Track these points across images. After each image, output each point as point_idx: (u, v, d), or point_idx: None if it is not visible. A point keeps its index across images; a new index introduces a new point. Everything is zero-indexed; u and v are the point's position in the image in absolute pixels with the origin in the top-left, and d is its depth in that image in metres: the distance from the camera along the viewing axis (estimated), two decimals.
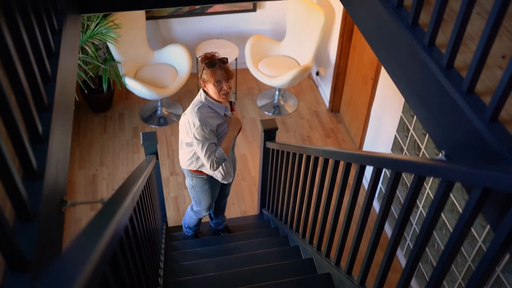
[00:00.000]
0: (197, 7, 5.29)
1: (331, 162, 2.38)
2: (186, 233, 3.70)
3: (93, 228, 0.90)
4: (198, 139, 2.66)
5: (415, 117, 3.31)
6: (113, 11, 4.00)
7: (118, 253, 1.07)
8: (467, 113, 1.34)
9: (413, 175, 1.58)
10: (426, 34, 1.55)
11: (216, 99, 2.68)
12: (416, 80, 1.64)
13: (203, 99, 2.69)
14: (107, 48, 4.91)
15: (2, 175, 0.94)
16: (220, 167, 2.92)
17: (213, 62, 2.58)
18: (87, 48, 4.57)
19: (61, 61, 1.57)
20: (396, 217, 3.83)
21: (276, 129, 3.46)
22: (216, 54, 2.64)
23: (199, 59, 2.63)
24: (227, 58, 2.64)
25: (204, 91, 2.70)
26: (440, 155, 1.52)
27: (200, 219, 3.54)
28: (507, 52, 1.50)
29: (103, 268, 0.84)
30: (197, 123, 2.63)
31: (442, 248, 3.15)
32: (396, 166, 1.71)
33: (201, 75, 2.65)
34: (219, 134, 2.76)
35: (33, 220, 1.06)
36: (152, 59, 5.26)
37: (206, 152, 2.67)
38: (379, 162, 1.86)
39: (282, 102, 5.57)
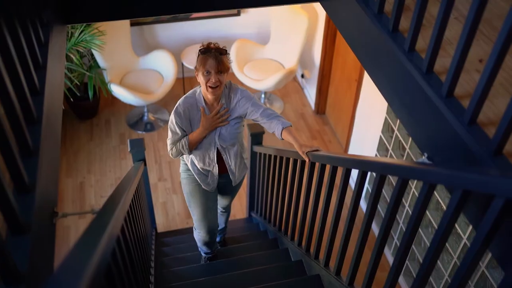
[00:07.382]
0: None
1: (317, 165, 2.41)
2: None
3: (86, 241, 0.92)
4: (169, 125, 2.55)
5: None
6: (98, 21, 3.99)
7: (112, 265, 1.09)
8: (447, 116, 1.38)
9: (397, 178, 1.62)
10: (406, 40, 1.60)
11: (203, 93, 2.45)
12: (397, 85, 1.68)
13: (197, 92, 2.51)
14: (92, 55, 4.90)
15: None
16: (192, 166, 2.69)
17: (208, 49, 2.34)
18: (71, 55, 4.56)
19: (49, 73, 1.57)
20: (383, 216, 3.88)
21: (263, 133, 3.49)
22: (217, 44, 2.39)
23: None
24: (226, 50, 2.38)
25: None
26: (423, 157, 1.56)
27: (207, 242, 3.03)
28: (484, 56, 1.55)
29: (99, 280, 0.85)
30: (173, 111, 2.49)
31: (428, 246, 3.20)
32: (381, 169, 1.75)
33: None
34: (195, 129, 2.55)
35: (25, 232, 1.07)
36: (138, 65, 5.25)
37: (169, 140, 2.57)
38: (364, 165, 1.90)
39: (268, 105, 5.60)
